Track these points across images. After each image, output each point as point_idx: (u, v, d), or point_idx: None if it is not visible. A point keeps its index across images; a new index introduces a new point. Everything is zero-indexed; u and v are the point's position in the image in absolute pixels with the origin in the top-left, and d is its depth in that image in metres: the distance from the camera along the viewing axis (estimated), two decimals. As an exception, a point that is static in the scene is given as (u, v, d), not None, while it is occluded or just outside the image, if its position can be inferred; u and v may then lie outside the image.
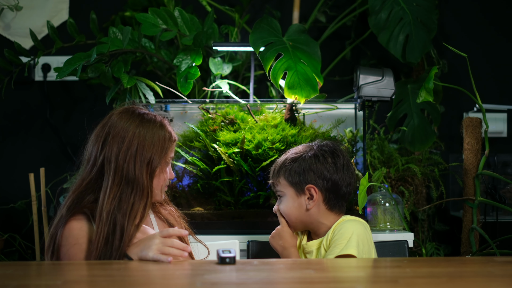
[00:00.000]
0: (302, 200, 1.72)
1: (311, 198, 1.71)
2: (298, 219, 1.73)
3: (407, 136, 2.49)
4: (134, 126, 1.64)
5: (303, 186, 1.71)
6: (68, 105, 3.00)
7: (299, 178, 1.71)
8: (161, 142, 1.64)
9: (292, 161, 1.74)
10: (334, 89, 2.93)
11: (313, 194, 1.71)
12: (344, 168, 1.73)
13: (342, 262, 1.57)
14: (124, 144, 1.61)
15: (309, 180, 1.71)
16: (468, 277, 1.30)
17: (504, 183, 2.57)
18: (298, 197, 1.72)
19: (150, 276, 1.32)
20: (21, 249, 2.80)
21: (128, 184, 1.59)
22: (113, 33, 2.34)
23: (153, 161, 1.62)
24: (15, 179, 2.94)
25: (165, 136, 1.66)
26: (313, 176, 1.70)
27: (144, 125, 1.64)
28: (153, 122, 1.66)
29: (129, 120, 1.65)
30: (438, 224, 2.82)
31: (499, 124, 2.91)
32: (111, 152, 1.62)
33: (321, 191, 1.71)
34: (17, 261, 2.74)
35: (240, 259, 1.51)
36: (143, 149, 1.61)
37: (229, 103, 2.38)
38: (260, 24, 2.29)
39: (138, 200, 1.60)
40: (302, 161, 1.72)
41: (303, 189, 1.71)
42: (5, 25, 2.96)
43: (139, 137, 1.62)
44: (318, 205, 1.71)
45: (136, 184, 1.60)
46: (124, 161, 1.60)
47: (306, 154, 1.73)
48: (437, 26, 2.44)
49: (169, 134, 1.67)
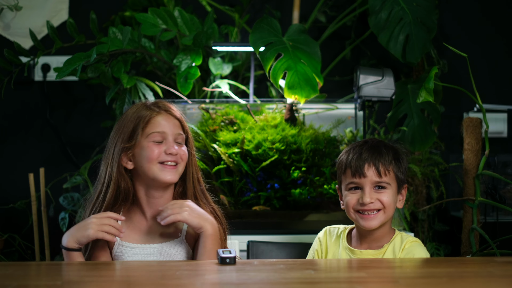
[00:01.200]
0: (399, 196, 1.71)
1: (402, 198, 1.72)
2: (391, 215, 1.71)
3: (407, 136, 2.49)
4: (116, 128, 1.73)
5: (402, 185, 1.71)
6: (68, 105, 3.00)
7: (403, 176, 1.70)
8: (129, 121, 1.66)
9: (402, 157, 1.71)
10: (334, 89, 2.93)
11: (404, 194, 1.72)
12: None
13: (342, 262, 1.57)
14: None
15: (405, 180, 1.72)
16: (468, 277, 1.30)
17: (504, 183, 2.57)
18: (396, 193, 1.69)
19: (150, 276, 1.32)
20: (21, 249, 2.80)
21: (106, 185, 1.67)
22: (113, 33, 2.34)
23: (119, 141, 1.67)
24: (15, 179, 2.94)
25: (135, 113, 1.67)
26: (405, 177, 1.73)
27: (124, 112, 1.71)
28: (131, 107, 1.72)
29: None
30: (438, 224, 2.82)
31: (499, 124, 2.91)
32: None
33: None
34: (17, 261, 2.73)
35: (240, 259, 1.51)
36: (117, 130, 1.69)
37: (229, 103, 2.37)
38: (260, 24, 2.29)
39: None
40: (405, 161, 1.72)
41: (401, 188, 1.71)
42: (4, 25, 2.95)
43: (117, 124, 1.70)
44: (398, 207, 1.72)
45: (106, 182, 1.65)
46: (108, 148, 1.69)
47: (404, 154, 1.73)
48: (437, 26, 2.44)
49: (144, 110, 1.67)
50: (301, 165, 2.26)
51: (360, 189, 1.65)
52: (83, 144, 2.97)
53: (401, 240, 1.68)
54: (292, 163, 2.26)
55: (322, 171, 2.28)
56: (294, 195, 2.25)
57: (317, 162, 2.28)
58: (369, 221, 1.64)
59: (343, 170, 1.68)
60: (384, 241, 1.68)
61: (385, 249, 1.66)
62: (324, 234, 1.79)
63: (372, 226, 1.64)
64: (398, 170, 1.68)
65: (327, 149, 2.30)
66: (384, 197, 1.64)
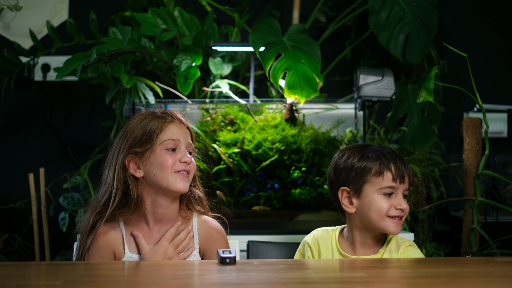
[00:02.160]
0: None
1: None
2: None
3: (407, 136, 2.49)
4: (127, 122, 1.69)
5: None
6: (68, 105, 3.00)
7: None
8: (138, 127, 1.63)
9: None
10: (334, 89, 2.93)
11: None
12: None
13: (342, 262, 1.57)
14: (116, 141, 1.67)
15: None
16: (468, 277, 1.30)
17: (504, 183, 2.57)
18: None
19: (150, 276, 1.32)
20: (21, 249, 2.80)
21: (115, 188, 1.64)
22: (113, 33, 2.34)
23: (127, 146, 1.63)
24: (15, 179, 2.94)
25: (146, 120, 1.64)
26: None
27: (131, 119, 1.68)
28: (140, 113, 1.69)
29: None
30: (438, 224, 2.82)
31: (499, 124, 2.91)
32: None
33: None
34: (17, 261, 2.73)
35: (240, 259, 1.51)
36: (123, 137, 1.64)
37: (229, 103, 2.37)
38: (260, 24, 2.29)
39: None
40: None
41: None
42: (4, 25, 2.95)
43: (123, 129, 1.66)
44: None
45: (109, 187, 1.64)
46: (112, 154, 1.65)
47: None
48: (437, 26, 2.44)
49: (155, 118, 1.65)
50: (301, 165, 2.26)
51: (393, 195, 1.63)
52: (83, 144, 2.97)
53: (396, 244, 1.66)
54: (292, 163, 2.26)
55: (322, 171, 2.28)
56: (294, 195, 2.25)
57: (317, 162, 2.28)
58: (398, 227, 1.63)
59: (377, 173, 1.62)
60: (379, 245, 1.68)
61: (381, 254, 1.65)
62: (313, 239, 1.74)
63: (398, 232, 1.64)
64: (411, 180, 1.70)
65: (327, 149, 2.30)
66: (407, 203, 1.65)
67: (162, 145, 1.62)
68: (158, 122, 1.63)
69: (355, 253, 1.67)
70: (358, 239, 1.67)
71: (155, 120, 1.64)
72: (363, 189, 1.63)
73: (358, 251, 1.67)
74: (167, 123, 1.64)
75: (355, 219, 1.66)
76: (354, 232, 1.68)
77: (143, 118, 1.65)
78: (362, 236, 1.67)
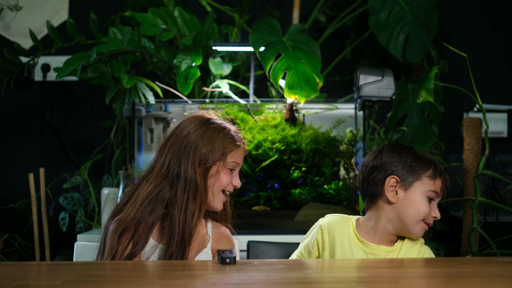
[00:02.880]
0: None
1: None
2: None
3: (407, 136, 2.49)
4: (194, 125, 1.67)
5: None
6: (68, 105, 3.00)
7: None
8: (218, 142, 1.65)
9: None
10: (334, 89, 2.93)
11: None
12: None
13: (342, 262, 1.57)
14: (179, 139, 1.65)
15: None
16: (468, 277, 1.30)
17: (504, 183, 2.57)
18: None
19: (150, 276, 1.32)
20: (21, 249, 2.80)
21: (178, 180, 1.62)
22: (113, 33, 2.34)
23: (208, 158, 1.64)
24: (15, 179, 2.94)
25: (224, 138, 1.67)
26: None
27: (203, 126, 1.67)
28: (213, 124, 1.69)
29: (190, 123, 1.68)
30: (438, 224, 2.82)
31: (499, 124, 2.91)
32: (167, 148, 1.67)
33: None
34: (17, 261, 2.73)
35: (240, 259, 1.51)
36: (197, 146, 1.64)
37: (229, 103, 2.37)
38: (260, 24, 2.29)
39: (192, 195, 1.62)
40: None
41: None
42: (5, 25, 2.95)
43: (196, 134, 1.65)
44: None
45: (188, 180, 1.62)
46: (173, 157, 1.64)
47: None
48: (437, 26, 2.44)
49: (230, 137, 1.68)
50: (301, 165, 2.26)
51: (431, 201, 1.68)
52: (83, 144, 2.97)
53: (411, 241, 1.70)
54: (292, 163, 2.26)
55: (322, 171, 2.28)
56: (294, 195, 2.25)
57: (317, 162, 2.28)
58: (423, 233, 1.69)
59: (432, 176, 1.67)
60: (396, 239, 1.71)
61: (399, 246, 1.68)
62: (327, 224, 1.74)
63: (419, 237, 1.69)
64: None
65: (327, 149, 2.30)
66: (439, 214, 1.70)
67: (229, 164, 1.68)
68: (233, 144, 1.68)
69: (374, 241, 1.69)
70: (381, 229, 1.69)
71: (231, 140, 1.68)
72: (413, 185, 1.67)
73: (377, 240, 1.69)
74: (242, 146, 1.71)
75: (390, 210, 1.68)
76: (380, 222, 1.69)
77: (219, 132, 1.68)
78: (387, 229, 1.69)
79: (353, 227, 1.72)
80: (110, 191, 2.52)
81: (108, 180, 2.73)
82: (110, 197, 2.50)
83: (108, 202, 2.50)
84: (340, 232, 1.72)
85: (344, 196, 2.27)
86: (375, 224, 1.70)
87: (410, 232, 1.66)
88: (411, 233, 1.67)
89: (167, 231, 1.60)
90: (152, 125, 2.45)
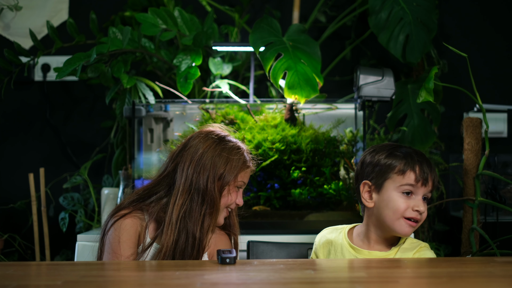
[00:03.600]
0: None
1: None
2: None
3: (407, 136, 2.49)
4: (211, 142, 1.70)
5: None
6: (68, 105, 3.00)
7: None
8: (234, 162, 1.69)
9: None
10: (334, 89, 2.93)
11: None
12: None
13: (342, 262, 1.57)
14: (197, 155, 1.68)
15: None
16: (468, 277, 1.30)
17: (504, 183, 2.57)
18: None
19: (150, 276, 1.32)
20: (21, 249, 2.80)
21: (198, 194, 1.66)
22: (113, 33, 2.34)
23: (225, 177, 1.68)
24: (15, 179, 2.94)
25: (240, 158, 1.70)
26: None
27: (220, 144, 1.71)
28: (229, 142, 1.72)
29: (206, 138, 1.71)
30: (438, 224, 2.82)
31: (499, 124, 2.91)
32: (184, 162, 1.69)
33: None
34: (17, 261, 2.73)
35: (240, 259, 1.51)
36: (216, 164, 1.68)
37: (229, 103, 2.37)
38: (260, 24, 2.29)
39: (209, 211, 1.66)
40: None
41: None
42: (5, 25, 2.95)
43: (214, 152, 1.69)
44: None
45: (207, 195, 1.66)
46: (194, 171, 1.67)
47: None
48: (437, 26, 2.44)
49: (244, 158, 1.72)
50: (301, 165, 2.26)
51: (412, 195, 1.64)
52: (83, 144, 2.97)
53: (411, 244, 1.67)
54: (292, 163, 2.26)
55: (322, 171, 2.28)
56: (294, 195, 2.25)
57: (317, 162, 2.28)
58: (410, 229, 1.63)
59: (400, 171, 1.63)
60: (392, 244, 1.68)
61: (394, 252, 1.66)
62: (321, 237, 1.76)
63: (409, 234, 1.64)
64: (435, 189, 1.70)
65: (327, 149, 2.30)
66: (426, 209, 1.65)
67: (235, 182, 1.71)
68: (245, 165, 1.73)
69: (368, 247, 1.68)
70: (373, 235, 1.68)
71: (244, 161, 1.72)
72: (384, 185, 1.64)
73: (371, 247, 1.68)
74: (249, 167, 1.74)
75: (373, 214, 1.67)
76: (370, 228, 1.69)
77: (236, 150, 1.72)
78: (377, 234, 1.68)
79: (345, 235, 1.72)
80: (110, 191, 2.52)
81: (108, 180, 2.73)
82: (110, 197, 2.50)
83: (108, 202, 2.50)
84: (334, 243, 1.73)
85: (344, 196, 2.27)
86: (366, 230, 1.69)
87: (395, 231, 1.64)
88: (397, 232, 1.64)
89: (181, 246, 1.64)
90: (152, 125, 2.45)
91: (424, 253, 1.65)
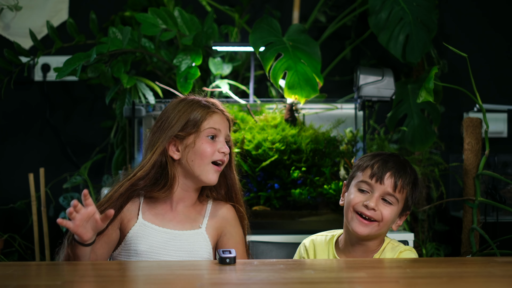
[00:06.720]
0: (397, 219, 1.69)
1: (400, 222, 1.70)
2: (386, 230, 1.69)
3: (407, 136, 2.49)
4: (170, 106, 1.71)
5: (406, 212, 1.69)
6: (68, 105, 3.00)
7: (411, 203, 1.69)
8: (184, 113, 1.67)
9: (419, 186, 1.70)
10: (334, 89, 2.93)
11: (402, 220, 1.70)
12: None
13: (342, 262, 1.57)
14: (158, 122, 1.70)
15: (410, 208, 1.70)
16: (468, 277, 1.30)
17: (504, 183, 2.57)
18: (397, 214, 1.67)
19: (150, 276, 1.32)
20: (21, 249, 2.80)
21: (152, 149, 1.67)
22: (113, 33, 2.34)
23: (173, 126, 1.65)
24: (15, 179, 2.94)
25: (192, 107, 1.68)
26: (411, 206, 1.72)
27: (175, 103, 1.71)
28: (183, 99, 1.72)
29: (170, 104, 1.73)
30: (438, 224, 2.82)
31: (499, 124, 2.91)
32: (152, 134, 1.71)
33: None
34: (17, 261, 2.73)
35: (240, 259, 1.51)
36: (166, 120, 1.67)
37: (229, 103, 2.37)
38: (260, 24, 2.29)
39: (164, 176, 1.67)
40: (419, 191, 1.71)
41: (404, 214, 1.69)
42: (4, 25, 2.95)
43: (166, 112, 1.69)
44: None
45: (158, 148, 1.66)
46: (157, 129, 1.68)
47: (422, 185, 1.74)
48: (437, 26, 2.44)
49: (201, 106, 1.68)
50: (301, 165, 2.26)
51: (368, 194, 1.64)
52: (83, 144, 2.97)
53: (392, 249, 1.67)
54: (292, 163, 2.26)
55: (322, 171, 2.28)
56: (294, 195, 2.25)
57: (317, 162, 2.28)
58: (362, 227, 1.62)
59: (363, 168, 1.66)
60: (374, 251, 1.68)
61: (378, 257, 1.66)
62: (311, 243, 1.76)
63: (362, 233, 1.63)
64: (410, 195, 1.67)
65: (327, 149, 2.30)
66: (387, 211, 1.63)
67: (204, 132, 1.66)
68: (203, 110, 1.68)
69: (349, 256, 1.68)
70: (350, 243, 1.69)
71: (201, 108, 1.68)
72: (351, 183, 1.69)
73: (351, 256, 1.68)
74: (212, 111, 1.69)
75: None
76: (345, 236, 1.71)
77: (189, 103, 1.70)
78: (352, 240, 1.68)
79: (333, 245, 1.73)
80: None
81: (108, 180, 2.73)
82: (110, 197, 2.50)
83: (108, 202, 2.50)
84: (321, 251, 1.73)
85: (344, 196, 2.27)
86: (347, 236, 1.71)
87: (352, 230, 1.64)
88: (353, 230, 1.64)
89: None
90: (152, 125, 2.45)
91: (406, 254, 1.66)
